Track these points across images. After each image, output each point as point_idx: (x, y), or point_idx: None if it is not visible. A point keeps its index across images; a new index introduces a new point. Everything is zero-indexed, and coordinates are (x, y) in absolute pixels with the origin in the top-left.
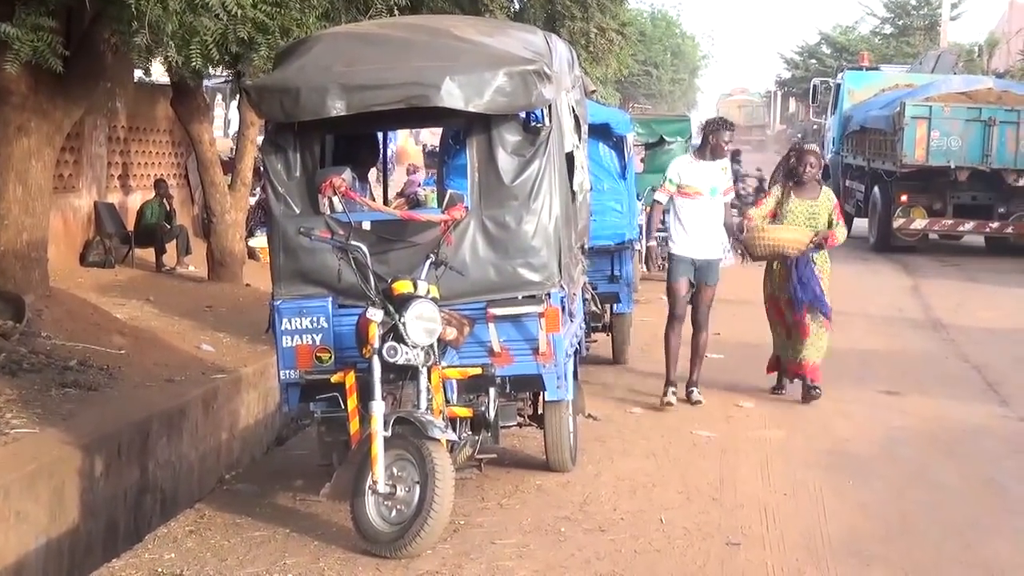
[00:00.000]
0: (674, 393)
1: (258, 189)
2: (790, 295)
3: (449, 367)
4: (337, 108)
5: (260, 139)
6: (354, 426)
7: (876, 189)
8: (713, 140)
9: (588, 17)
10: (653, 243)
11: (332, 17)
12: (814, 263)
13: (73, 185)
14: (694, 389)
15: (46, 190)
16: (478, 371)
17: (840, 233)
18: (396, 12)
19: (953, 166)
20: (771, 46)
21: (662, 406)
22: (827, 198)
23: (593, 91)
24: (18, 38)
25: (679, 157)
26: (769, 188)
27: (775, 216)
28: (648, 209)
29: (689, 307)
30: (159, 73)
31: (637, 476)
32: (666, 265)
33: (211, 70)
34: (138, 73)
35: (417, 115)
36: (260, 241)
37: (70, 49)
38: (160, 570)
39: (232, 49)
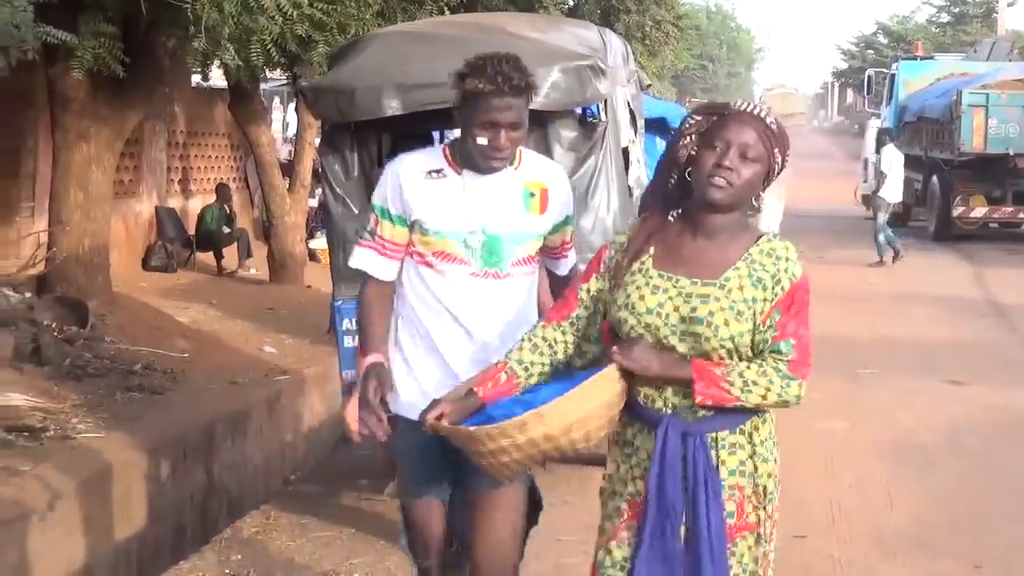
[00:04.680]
0: None
1: (317, 191)
2: None
3: None
4: (392, 107)
5: (318, 141)
6: None
7: (934, 178)
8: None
9: (643, 10)
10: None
11: (387, 15)
12: (714, 470)
13: (134, 190)
14: None
15: (107, 196)
16: None
17: (740, 383)
18: (449, 10)
19: (1012, 153)
20: (827, 37)
21: None
22: (767, 273)
23: (648, 85)
24: (80, 44)
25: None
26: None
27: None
28: None
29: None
30: (216, 77)
31: None
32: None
33: (268, 72)
34: (196, 78)
35: None
36: (320, 243)
37: (129, 55)
38: (227, 571)
39: (291, 48)
